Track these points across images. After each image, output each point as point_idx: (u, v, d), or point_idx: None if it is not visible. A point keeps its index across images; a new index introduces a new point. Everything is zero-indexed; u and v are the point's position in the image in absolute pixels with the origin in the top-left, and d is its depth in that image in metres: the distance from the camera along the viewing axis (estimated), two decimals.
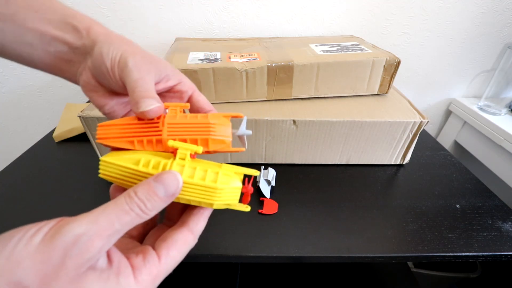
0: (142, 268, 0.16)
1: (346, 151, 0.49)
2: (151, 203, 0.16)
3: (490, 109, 0.72)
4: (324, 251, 0.36)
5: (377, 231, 0.39)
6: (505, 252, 0.37)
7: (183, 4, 0.65)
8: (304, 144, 0.48)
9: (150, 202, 0.16)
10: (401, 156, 0.51)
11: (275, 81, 0.47)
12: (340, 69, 0.48)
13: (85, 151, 0.53)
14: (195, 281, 0.58)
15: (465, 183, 0.48)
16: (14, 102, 0.80)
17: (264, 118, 0.45)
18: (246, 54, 0.49)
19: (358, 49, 0.51)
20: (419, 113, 0.47)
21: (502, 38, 0.71)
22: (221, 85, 0.46)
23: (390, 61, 0.48)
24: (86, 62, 0.23)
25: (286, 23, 0.69)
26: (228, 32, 0.70)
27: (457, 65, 0.76)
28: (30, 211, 0.41)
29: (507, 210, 0.43)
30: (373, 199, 0.45)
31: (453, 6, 0.66)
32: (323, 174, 0.49)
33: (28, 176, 0.48)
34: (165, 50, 0.71)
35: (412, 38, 0.71)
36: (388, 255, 0.36)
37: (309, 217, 0.41)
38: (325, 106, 0.48)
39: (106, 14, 0.66)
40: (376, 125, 0.46)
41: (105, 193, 0.45)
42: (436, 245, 0.37)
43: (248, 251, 0.35)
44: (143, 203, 0.16)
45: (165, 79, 0.24)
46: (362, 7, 0.67)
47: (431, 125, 0.88)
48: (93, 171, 0.49)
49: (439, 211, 0.43)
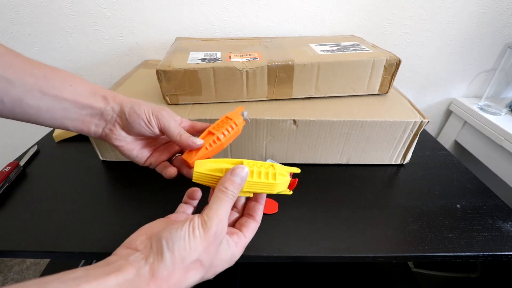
0: (238, 241, 0.27)
1: (346, 151, 0.49)
2: (236, 189, 0.25)
3: (491, 109, 0.72)
4: (324, 251, 0.36)
5: (378, 231, 0.39)
6: (505, 252, 0.37)
7: (183, 3, 0.65)
8: (304, 143, 0.48)
9: (236, 189, 0.25)
10: (402, 156, 0.51)
11: (276, 80, 0.47)
12: (341, 69, 0.48)
13: (85, 151, 0.53)
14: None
15: (466, 183, 0.48)
16: None
17: (265, 117, 0.45)
18: (247, 53, 0.49)
19: (359, 49, 0.51)
20: (419, 113, 0.47)
21: (503, 38, 0.71)
22: (222, 84, 0.46)
23: (390, 61, 0.48)
24: (112, 120, 0.31)
25: (287, 23, 0.69)
26: (228, 32, 0.70)
27: (457, 65, 0.76)
28: (30, 211, 0.41)
29: (508, 210, 0.43)
30: (373, 199, 0.44)
31: (453, 6, 0.66)
32: (323, 174, 0.49)
33: (28, 176, 0.48)
34: (165, 49, 0.71)
35: (412, 38, 0.71)
36: (388, 255, 0.36)
37: (309, 217, 0.41)
38: (325, 106, 0.48)
39: (107, 14, 0.66)
40: (376, 124, 0.46)
41: (104, 193, 0.46)
42: (437, 245, 0.37)
43: (248, 251, 0.35)
44: (232, 192, 0.25)
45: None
46: (362, 7, 0.66)
47: (431, 125, 0.88)
48: (93, 171, 0.49)
49: (440, 211, 0.43)
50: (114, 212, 0.42)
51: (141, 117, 0.30)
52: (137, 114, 0.30)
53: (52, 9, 0.65)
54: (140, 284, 0.19)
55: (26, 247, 0.36)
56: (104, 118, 0.31)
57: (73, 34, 0.69)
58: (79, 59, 0.73)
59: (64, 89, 0.29)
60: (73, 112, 0.29)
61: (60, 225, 0.39)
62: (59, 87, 0.28)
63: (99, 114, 0.31)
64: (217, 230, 0.23)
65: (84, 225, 0.39)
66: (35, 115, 0.28)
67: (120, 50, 0.72)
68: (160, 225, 0.26)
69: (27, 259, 1.04)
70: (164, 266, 0.20)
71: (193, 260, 0.21)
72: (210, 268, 0.23)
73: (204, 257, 0.22)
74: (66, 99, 0.29)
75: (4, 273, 1.00)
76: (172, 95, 0.47)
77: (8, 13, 0.65)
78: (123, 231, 0.38)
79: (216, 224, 0.23)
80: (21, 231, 0.38)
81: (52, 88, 0.28)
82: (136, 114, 0.30)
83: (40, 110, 0.28)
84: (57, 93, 0.28)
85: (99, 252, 0.36)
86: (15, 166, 0.48)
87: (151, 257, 0.21)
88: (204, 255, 0.22)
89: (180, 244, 0.21)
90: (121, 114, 0.31)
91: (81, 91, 0.30)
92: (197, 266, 0.22)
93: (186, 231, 0.22)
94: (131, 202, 0.44)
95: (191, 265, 0.21)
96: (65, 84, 0.29)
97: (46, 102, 0.28)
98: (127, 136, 0.32)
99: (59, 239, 0.37)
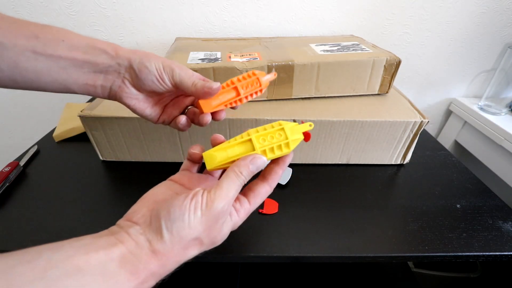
0: (241, 209, 0.26)
1: (346, 151, 0.49)
2: (249, 176, 0.25)
3: (491, 109, 0.72)
4: (324, 250, 0.36)
5: (378, 231, 0.39)
6: (505, 252, 0.37)
7: (183, 3, 0.65)
8: (304, 143, 0.48)
9: (249, 176, 0.25)
10: (402, 156, 0.51)
11: (276, 80, 0.47)
12: (341, 68, 0.48)
13: (85, 151, 0.53)
14: (196, 281, 0.58)
15: (466, 183, 0.48)
16: (14, 102, 0.80)
17: (265, 118, 0.45)
18: (247, 53, 0.49)
19: (359, 49, 0.51)
20: (419, 113, 0.47)
21: (503, 38, 0.71)
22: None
23: (390, 61, 0.48)
24: (120, 77, 0.29)
25: (287, 23, 0.69)
26: (228, 32, 0.70)
27: (457, 65, 0.76)
28: (30, 211, 0.41)
29: (508, 210, 0.43)
30: (373, 199, 0.44)
31: (453, 6, 0.66)
32: (323, 174, 0.49)
33: (28, 176, 0.48)
34: (165, 49, 0.71)
35: (412, 38, 0.71)
36: (388, 255, 0.36)
37: (309, 217, 0.41)
38: (325, 106, 0.48)
39: (107, 13, 0.66)
40: (376, 125, 0.46)
41: (104, 193, 0.46)
42: (437, 245, 0.37)
43: (248, 251, 0.35)
44: (245, 177, 0.24)
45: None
46: (362, 7, 0.66)
47: (431, 125, 0.88)
48: (93, 171, 0.49)
49: (440, 211, 0.43)
50: (114, 212, 0.42)
51: (152, 73, 0.28)
52: (148, 70, 0.28)
53: (52, 9, 0.65)
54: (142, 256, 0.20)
55: (26, 247, 0.36)
56: (110, 75, 0.29)
57: None
58: None
59: (57, 46, 0.26)
60: (73, 71, 0.27)
61: (60, 225, 0.39)
62: (51, 45, 0.26)
63: (104, 70, 0.28)
64: (223, 210, 0.22)
65: (84, 225, 0.39)
66: (35, 79, 0.26)
67: None
68: (162, 193, 0.26)
69: None
70: (162, 245, 0.21)
71: (191, 238, 0.21)
72: (210, 244, 0.24)
73: (204, 236, 0.22)
74: (62, 57, 0.26)
75: None
76: None
77: (8, 13, 0.64)
78: None
79: (223, 204, 0.22)
80: (21, 231, 0.38)
81: (44, 46, 0.25)
82: (148, 70, 0.28)
83: (38, 73, 0.26)
84: (51, 51, 0.26)
85: None
86: (15, 166, 0.48)
87: (150, 234, 0.21)
88: (204, 233, 0.22)
89: (179, 224, 0.21)
90: (130, 70, 0.28)
91: (76, 46, 0.27)
92: (196, 243, 0.22)
93: (187, 209, 0.21)
94: (131, 202, 0.43)
95: (190, 243, 0.22)
96: (57, 40, 0.26)
97: (42, 63, 0.26)
98: (138, 94, 0.30)
99: (59, 239, 0.37)
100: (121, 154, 0.50)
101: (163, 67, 0.28)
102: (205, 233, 0.22)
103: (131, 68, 0.28)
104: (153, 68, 0.28)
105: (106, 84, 0.29)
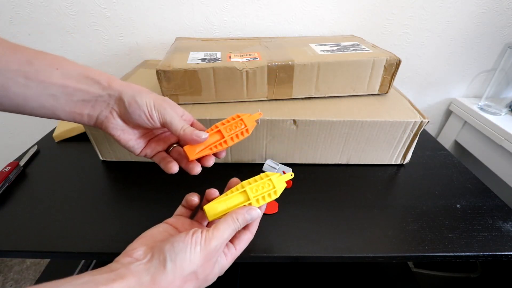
0: (228, 253, 0.29)
1: (346, 151, 0.49)
2: (244, 224, 0.28)
3: (491, 109, 0.72)
4: (325, 250, 0.36)
5: (378, 231, 0.39)
6: (505, 252, 0.37)
7: (183, 4, 0.65)
8: (304, 143, 0.48)
9: (244, 223, 0.28)
10: (402, 156, 0.51)
11: (276, 80, 0.47)
12: (341, 68, 0.48)
13: (85, 151, 0.53)
14: None
15: (466, 183, 0.48)
16: None
17: (265, 117, 0.45)
18: (247, 53, 0.49)
19: (359, 49, 0.51)
20: (419, 113, 0.47)
21: (503, 38, 0.71)
22: (222, 84, 0.46)
23: (390, 61, 0.48)
24: (109, 107, 0.29)
25: (287, 23, 0.69)
26: (228, 32, 0.70)
27: (457, 65, 0.76)
28: (30, 211, 0.41)
29: (508, 210, 0.43)
30: (373, 199, 0.44)
31: (453, 6, 0.66)
32: (323, 174, 0.49)
33: (28, 176, 0.48)
34: (165, 49, 0.71)
35: (412, 38, 0.71)
36: (388, 255, 0.36)
37: (309, 217, 0.41)
38: (325, 106, 0.48)
39: (107, 14, 0.66)
40: (376, 125, 0.46)
41: (104, 193, 0.46)
42: (437, 245, 0.37)
43: (248, 251, 0.35)
44: (240, 224, 0.28)
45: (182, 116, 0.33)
46: (362, 7, 0.66)
47: (431, 125, 0.88)
48: (93, 171, 0.49)
49: (440, 211, 0.43)
50: (114, 212, 0.42)
51: (142, 108, 0.28)
52: (138, 105, 0.28)
53: (52, 9, 0.65)
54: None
55: (26, 247, 0.36)
56: (98, 105, 0.28)
57: (73, 34, 0.69)
58: (79, 59, 0.73)
59: (51, 74, 0.26)
60: (62, 98, 0.27)
61: (60, 225, 0.39)
62: (45, 72, 0.26)
63: (93, 100, 0.28)
64: (217, 248, 0.25)
65: (84, 225, 0.39)
66: (22, 104, 0.26)
67: (120, 50, 0.72)
68: (160, 233, 0.28)
69: (27, 259, 1.04)
70: (165, 276, 0.22)
71: (190, 271, 0.23)
72: (203, 280, 0.26)
73: (200, 271, 0.24)
74: (54, 84, 0.26)
75: (4, 273, 1.00)
76: (172, 95, 0.47)
77: (8, 13, 0.65)
78: (123, 231, 0.38)
79: (218, 243, 0.25)
80: (21, 231, 0.38)
81: (37, 72, 0.25)
82: (137, 104, 0.28)
83: (27, 99, 0.26)
84: (43, 78, 0.26)
85: (99, 252, 0.36)
86: (15, 166, 0.48)
87: (153, 267, 0.22)
88: (201, 268, 0.24)
89: (181, 256, 0.23)
90: (119, 102, 0.28)
91: (70, 74, 0.27)
92: (193, 278, 0.24)
93: (188, 244, 0.24)
94: (131, 202, 0.44)
95: (188, 276, 0.23)
96: (52, 67, 0.26)
97: (32, 89, 0.26)
98: (124, 126, 0.30)
99: (59, 239, 0.37)
100: (121, 154, 0.50)
101: (153, 105, 0.29)
102: (201, 268, 0.24)
103: (121, 100, 0.28)
104: (144, 104, 0.28)
105: (93, 113, 0.29)
